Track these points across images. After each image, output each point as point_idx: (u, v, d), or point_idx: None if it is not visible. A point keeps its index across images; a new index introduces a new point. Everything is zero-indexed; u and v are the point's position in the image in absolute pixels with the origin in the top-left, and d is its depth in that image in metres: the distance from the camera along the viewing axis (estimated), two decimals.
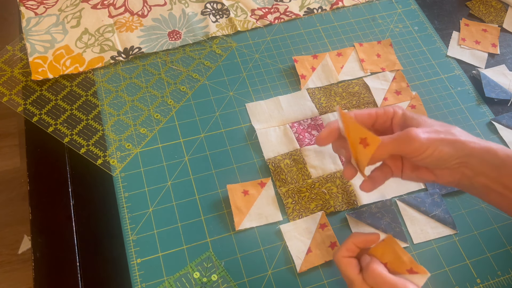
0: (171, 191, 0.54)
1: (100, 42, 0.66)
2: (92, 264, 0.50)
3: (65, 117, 0.59)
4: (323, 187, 0.55)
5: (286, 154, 0.58)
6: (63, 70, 0.63)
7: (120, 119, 0.60)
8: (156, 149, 0.57)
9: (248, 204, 0.53)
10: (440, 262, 0.51)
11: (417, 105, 0.63)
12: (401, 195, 0.55)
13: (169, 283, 0.48)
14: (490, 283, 0.51)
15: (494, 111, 0.64)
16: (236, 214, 0.53)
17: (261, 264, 0.50)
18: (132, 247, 0.50)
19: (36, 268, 0.49)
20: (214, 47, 0.67)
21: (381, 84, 0.65)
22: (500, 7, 0.76)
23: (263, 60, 0.67)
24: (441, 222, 0.54)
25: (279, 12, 0.72)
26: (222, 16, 0.70)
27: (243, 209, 0.53)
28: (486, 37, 0.71)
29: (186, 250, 0.51)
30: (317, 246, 0.51)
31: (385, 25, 0.72)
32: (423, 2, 0.76)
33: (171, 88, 0.63)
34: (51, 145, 0.57)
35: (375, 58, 0.68)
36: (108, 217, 0.52)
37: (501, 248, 0.53)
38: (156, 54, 0.66)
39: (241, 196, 0.54)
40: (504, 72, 0.67)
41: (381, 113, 0.44)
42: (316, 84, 0.65)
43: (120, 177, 0.55)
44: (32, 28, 0.66)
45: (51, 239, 0.51)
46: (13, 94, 0.61)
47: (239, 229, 0.52)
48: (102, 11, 0.69)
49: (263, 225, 0.53)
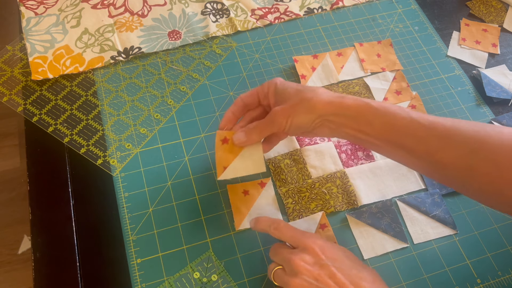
0: (171, 191, 0.54)
1: (100, 42, 0.66)
2: (92, 264, 0.50)
3: (65, 117, 0.59)
4: (323, 187, 0.55)
5: (286, 154, 0.58)
6: (63, 70, 0.63)
7: (120, 119, 0.60)
8: (156, 149, 0.57)
9: (248, 204, 0.53)
10: (440, 262, 0.51)
11: (417, 105, 0.63)
12: (401, 195, 0.55)
13: (169, 283, 0.48)
14: (491, 283, 0.50)
15: (495, 111, 0.64)
16: (236, 214, 0.53)
17: (261, 264, 0.50)
18: (132, 247, 0.50)
19: (36, 268, 0.49)
20: (214, 47, 0.67)
21: (381, 84, 0.65)
22: (500, 7, 0.76)
23: (263, 60, 0.67)
24: (442, 222, 0.54)
25: (279, 12, 0.72)
26: (222, 16, 0.70)
27: (243, 209, 0.53)
28: (486, 37, 0.71)
29: (186, 250, 0.51)
30: None
31: (385, 25, 0.72)
32: (423, 2, 0.76)
33: (171, 88, 0.63)
34: (51, 145, 0.57)
35: (375, 58, 0.68)
36: (108, 217, 0.52)
37: (501, 248, 0.53)
38: (156, 54, 0.66)
39: (241, 196, 0.54)
40: (504, 72, 0.67)
41: (260, 90, 0.51)
42: (316, 84, 0.65)
43: (120, 177, 0.55)
44: (32, 28, 0.66)
45: (51, 239, 0.51)
46: (13, 94, 0.61)
47: (239, 229, 0.52)
48: (102, 11, 0.69)
49: None
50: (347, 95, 0.47)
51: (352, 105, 0.45)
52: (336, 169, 0.57)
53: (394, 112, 0.44)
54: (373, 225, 0.53)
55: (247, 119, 0.53)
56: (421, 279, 0.50)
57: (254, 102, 0.52)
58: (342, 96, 0.46)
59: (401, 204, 0.55)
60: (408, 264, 0.51)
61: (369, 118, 0.44)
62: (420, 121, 0.42)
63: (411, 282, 0.50)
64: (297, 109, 0.46)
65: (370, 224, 0.53)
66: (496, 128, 0.41)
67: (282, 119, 0.47)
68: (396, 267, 0.51)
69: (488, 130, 0.41)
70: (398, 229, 0.53)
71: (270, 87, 0.50)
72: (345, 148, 0.58)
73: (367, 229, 0.53)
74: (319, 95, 0.46)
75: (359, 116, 0.45)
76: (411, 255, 0.52)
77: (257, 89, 0.51)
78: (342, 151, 0.58)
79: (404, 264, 0.51)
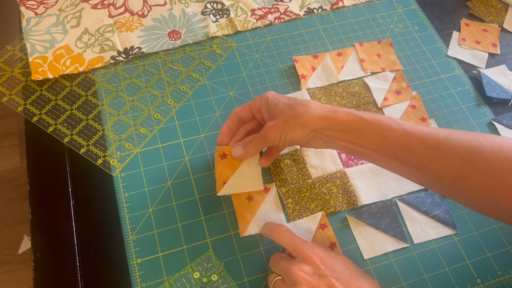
0: (171, 191, 0.54)
1: (100, 42, 0.66)
2: (92, 264, 0.50)
3: (65, 117, 0.59)
4: (323, 187, 0.55)
5: (286, 154, 0.58)
6: (63, 70, 0.63)
7: (120, 119, 0.60)
8: (156, 149, 0.57)
9: (253, 210, 0.53)
10: (440, 262, 0.51)
11: (417, 105, 0.63)
12: (401, 195, 0.55)
13: (169, 283, 0.48)
14: (491, 283, 0.50)
15: (495, 111, 0.64)
16: (241, 221, 0.52)
17: (261, 264, 0.50)
18: (132, 247, 0.50)
19: (36, 268, 0.49)
20: (214, 47, 0.67)
21: (381, 84, 0.65)
22: (500, 7, 0.76)
23: (263, 60, 0.67)
24: (441, 222, 0.54)
25: (279, 12, 0.72)
26: (222, 16, 0.70)
27: (247, 216, 0.52)
28: (486, 37, 0.71)
29: (186, 250, 0.51)
30: None
31: (385, 25, 0.72)
32: (423, 2, 0.76)
33: (171, 88, 0.63)
34: (51, 145, 0.57)
35: (375, 58, 0.68)
36: (108, 217, 0.52)
37: (501, 248, 0.53)
38: (156, 54, 0.66)
39: (245, 202, 0.53)
40: (504, 72, 0.67)
41: (253, 105, 0.52)
42: (316, 84, 0.65)
43: (120, 177, 0.55)
44: (32, 28, 0.66)
45: (51, 239, 0.51)
46: (13, 94, 0.61)
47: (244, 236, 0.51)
48: (102, 11, 0.69)
49: None
50: (339, 108, 0.47)
51: (344, 120, 0.46)
52: (336, 169, 0.57)
53: (387, 125, 0.44)
54: (373, 225, 0.53)
55: (242, 132, 0.54)
56: (421, 279, 0.50)
57: (248, 116, 0.53)
58: (334, 110, 0.47)
59: (401, 204, 0.55)
60: (408, 264, 0.51)
61: (362, 131, 0.45)
62: (414, 133, 0.43)
63: (411, 282, 0.50)
64: (289, 124, 0.47)
65: (370, 224, 0.53)
66: (489, 138, 0.41)
67: (275, 135, 0.48)
68: (396, 267, 0.51)
69: (481, 140, 0.41)
70: (398, 229, 0.53)
71: (262, 102, 0.51)
72: None
73: (367, 229, 0.53)
74: (311, 110, 0.47)
75: (352, 130, 0.45)
76: (411, 255, 0.52)
77: (249, 104, 0.53)
78: (342, 151, 0.58)
79: (404, 264, 0.51)
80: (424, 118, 0.62)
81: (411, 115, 0.62)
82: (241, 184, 0.52)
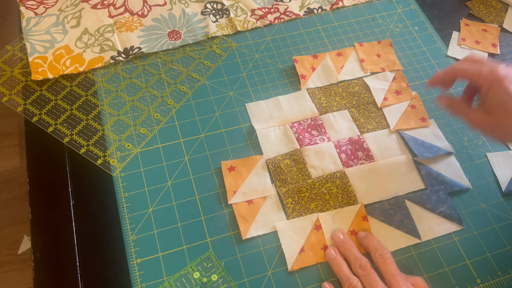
0: (171, 191, 0.54)
1: (100, 42, 0.66)
2: (92, 264, 0.50)
3: (65, 117, 0.59)
4: (323, 187, 0.55)
5: (286, 154, 0.58)
6: (63, 70, 0.63)
7: (120, 119, 0.60)
8: (156, 149, 0.57)
9: (253, 212, 0.53)
10: (440, 262, 0.51)
11: (417, 105, 0.63)
12: (401, 195, 0.55)
13: (169, 283, 0.48)
14: (490, 283, 0.50)
15: None
16: (242, 223, 0.52)
17: (261, 264, 0.50)
18: (132, 247, 0.50)
19: (36, 268, 0.49)
20: (214, 47, 0.67)
21: (381, 84, 0.65)
22: (500, 7, 0.76)
23: (263, 60, 0.67)
24: (448, 218, 0.54)
25: (279, 12, 0.72)
26: (222, 16, 0.70)
27: (248, 218, 0.52)
28: (486, 37, 0.71)
29: (186, 250, 0.51)
30: (310, 247, 0.51)
31: (385, 25, 0.72)
32: (423, 2, 0.76)
33: (171, 88, 0.63)
34: (51, 145, 0.57)
35: (375, 58, 0.68)
36: (108, 217, 0.52)
37: (501, 248, 0.53)
38: (156, 54, 0.66)
39: (245, 205, 0.54)
40: None
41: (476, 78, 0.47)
42: (316, 84, 0.65)
43: (120, 177, 0.55)
44: (32, 28, 0.66)
45: (51, 239, 0.51)
46: (13, 94, 0.61)
47: (246, 238, 0.51)
48: (102, 11, 0.69)
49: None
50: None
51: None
52: (336, 169, 0.57)
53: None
54: (386, 221, 0.53)
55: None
56: None
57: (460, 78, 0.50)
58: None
59: (408, 202, 0.55)
60: (407, 264, 0.51)
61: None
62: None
63: None
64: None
65: (383, 221, 0.53)
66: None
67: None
68: None
69: None
70: (411, 226, 0.53)
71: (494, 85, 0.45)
72: (345, 148, 0.58)
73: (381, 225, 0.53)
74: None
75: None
76: (411, 255, 0.52)
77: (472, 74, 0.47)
78: (342, 151, 0.58)
79: (403, 264, 0.51)
80: (424, 118, 0.62)
81: (411, 115, 0.62)
82: (252, 191, 0.54)
